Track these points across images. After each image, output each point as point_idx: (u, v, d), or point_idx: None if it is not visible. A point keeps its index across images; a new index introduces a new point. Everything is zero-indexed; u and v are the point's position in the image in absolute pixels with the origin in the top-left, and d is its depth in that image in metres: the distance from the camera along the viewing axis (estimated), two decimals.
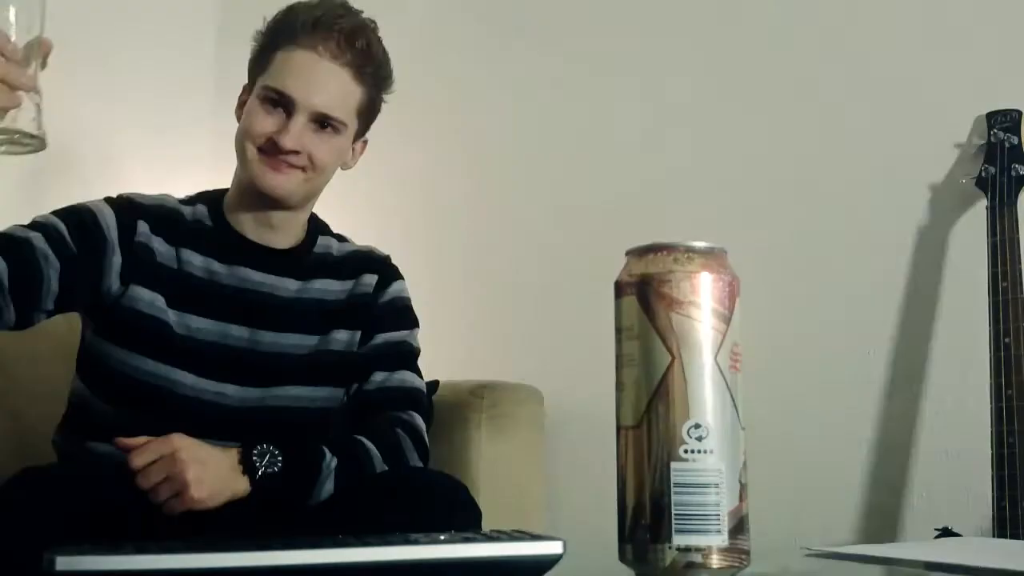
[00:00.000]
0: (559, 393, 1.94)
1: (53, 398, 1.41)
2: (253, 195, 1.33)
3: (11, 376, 1.66)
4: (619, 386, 0.66)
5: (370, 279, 1.41)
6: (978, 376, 1.56)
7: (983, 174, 1.63)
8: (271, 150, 1.29)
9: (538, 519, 1.82)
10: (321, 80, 1.30)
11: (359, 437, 1.25)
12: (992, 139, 1.64)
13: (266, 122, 1.30)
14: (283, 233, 1.37)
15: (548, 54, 2.15)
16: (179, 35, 2.35)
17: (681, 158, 1.97)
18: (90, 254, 1.26)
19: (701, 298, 0.64)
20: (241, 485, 1.14)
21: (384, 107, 1.41)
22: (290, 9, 1.34)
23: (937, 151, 1.73)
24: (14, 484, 1.07)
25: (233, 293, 1.33)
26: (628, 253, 0.68)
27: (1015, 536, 1.43)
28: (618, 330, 0.67)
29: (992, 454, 1.49)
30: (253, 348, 1.32)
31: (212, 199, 1.39)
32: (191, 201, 1.39)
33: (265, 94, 1.31)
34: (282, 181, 1.30)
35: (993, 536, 1.46)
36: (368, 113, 1.38)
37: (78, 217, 1.27)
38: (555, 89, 2.13)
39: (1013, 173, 1.61)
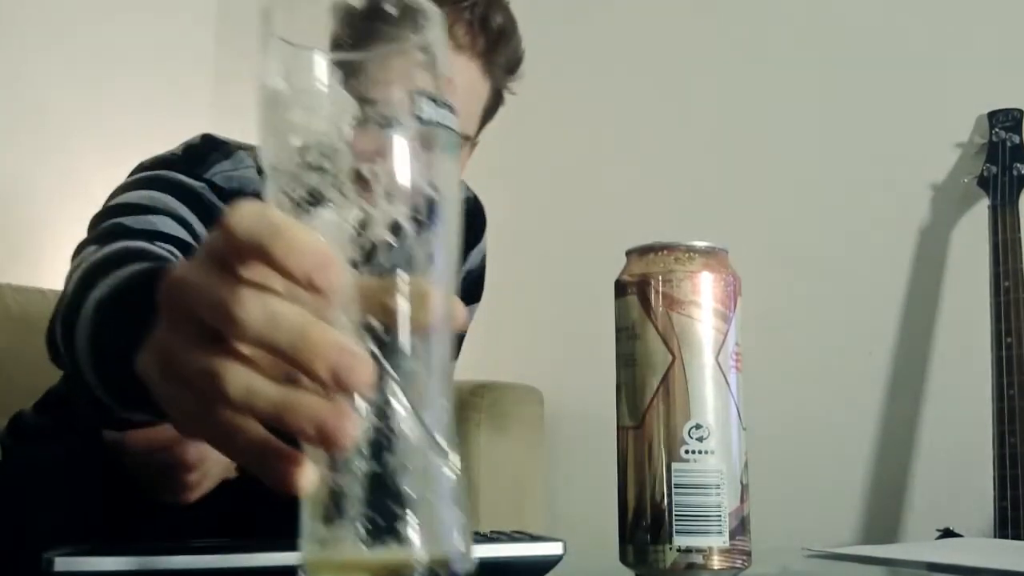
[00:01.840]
0: (559, 393, 1.94)
1: None
2: None
3: (10, 376, 1.66)
4: (619, 386, 0.66)
5: (478, 254, 1.25)
6: (979, 376, 1.55)
7: (985, 173, 1.63)
8: None
9: (538, 519, 1.82)
10: (377, 32, 1.05)
11: None
12: (993, 138, 1.64)
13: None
14: None
15: (547, 54, 2.15)
16: (179, 26, 2.35)
17: (682, 158, 1.97)
18: None
19: (702, 298, 0.64)
20: None
21: None
22: None
23: (938, 151, 1.73)
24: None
25: None
26: (628, 253, 0.67)
27: (1016, 536, 1.43)
28: (618, 330, 0.66)
29: (993, 454, 1.49)
30: None
31: None
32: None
33: None
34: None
35: (994, 536, 1.46)
36: (490, 112, 1.12)
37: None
38: (555, 89, 2.13)
39: (1015, 172, 1.61)
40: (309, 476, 0.38)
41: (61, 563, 0.57)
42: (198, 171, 1.00)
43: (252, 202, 0.37)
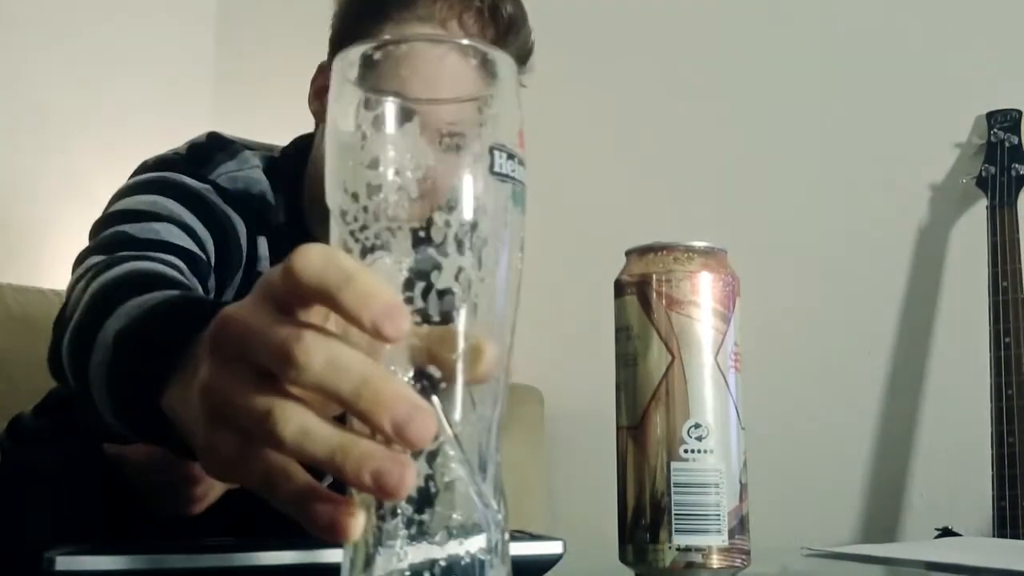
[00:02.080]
0: (559, 393, 1.94)
1: None
2: None
3: (11, 377, 1.66)
4: (619, 386, 0.66)
5: None
6: (978, 376, 1.56)
7: (983, 174, 1.63)
8: None
9: (538, 519, 1.82)
10: (452, 81, 0.84)
11: None
12: (992, 139, 1.64)
13: None
14: None
15: (547, 51, 2.15)
16: (179, 26, 2.35)
17: (682, 158, 1.97)
18: (216, 282, 0.97)
19: (701, 298, 0.64)
20: None
21: None
22: None
23: (937, 151, 1.73)
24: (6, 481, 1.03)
25: None
26: (628, 253, 0.67)
27: (1015, 536, 1.43)
28: (618, 330, 0.67)
29: (992, 454, 1.49)
30: None
31: (290, 188, 1.05)
32: (275, 184, 1.03)
33: None
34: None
35: (993, 536, 1.46)
36: None
37: (222, 231, 0.95)
38: (554, 87, 2.13)
39: (1013, 173, 1.61)
40: (358, 524, 0.36)
41: (62, 562, 0.57)
42: (202, 172, 0.98)
43: (319, 246, 0.37)
